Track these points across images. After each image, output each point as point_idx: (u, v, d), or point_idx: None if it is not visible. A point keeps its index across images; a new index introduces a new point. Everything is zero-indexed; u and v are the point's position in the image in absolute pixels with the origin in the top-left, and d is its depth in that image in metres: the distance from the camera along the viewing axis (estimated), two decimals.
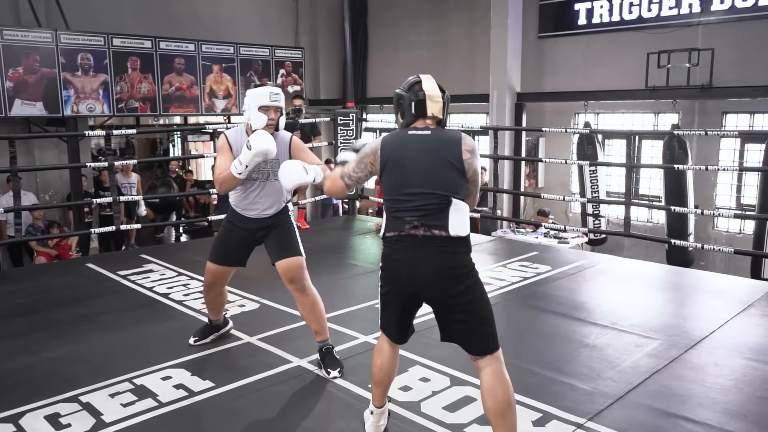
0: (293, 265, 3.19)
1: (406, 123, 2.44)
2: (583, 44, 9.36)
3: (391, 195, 2.35)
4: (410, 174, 2.31)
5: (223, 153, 3.16)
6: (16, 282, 5.06)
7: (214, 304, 3.50)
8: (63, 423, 2.68)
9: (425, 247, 2.26)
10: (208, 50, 9.57)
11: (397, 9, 11.75)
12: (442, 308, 2.32)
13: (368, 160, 2.42)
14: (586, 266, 5.27)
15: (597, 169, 8.65)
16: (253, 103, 3.10)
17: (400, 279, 2.33)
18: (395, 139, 2.41)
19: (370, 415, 2.58)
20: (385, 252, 2.38)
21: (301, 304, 3.25)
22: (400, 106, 2.45)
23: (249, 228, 3.24)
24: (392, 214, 2.33)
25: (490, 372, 2.28)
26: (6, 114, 7.73)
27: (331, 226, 7.81)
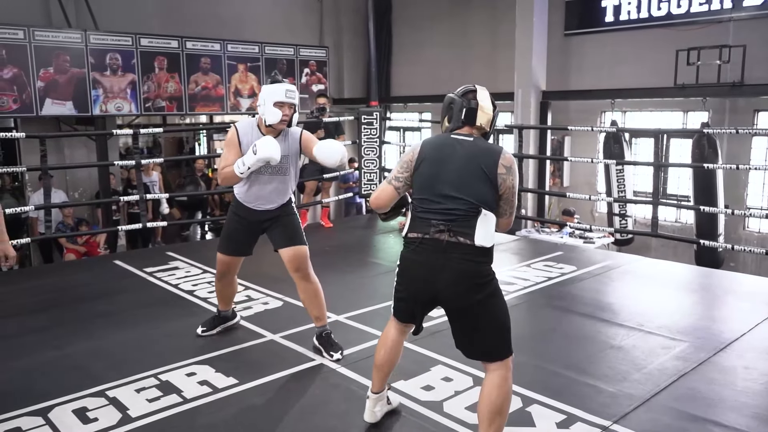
0: (299, 253, 3.32)
1: (452, 127, 2.44)
2: (610, 42, 9.23)
3: (422, 195, 2.34)
4: (444, 175, 2.30)
5: (231, 147, 3.25)
6: (46, 277, 5.16)
7: (225, 293, 3.59)
8: (90, 417, 2.72)
9: (448, 253, 2.24)
10: (233, 50, 9.64)
11: (420, 7, 11.72)
12: (460, 316, 2.31)
13: (408, 158, 2.42)
14: (612, 267, 5.19)
15: (624, 168, 8.53)
16: (269, 98, 3.17)
17: (418, 283, 2.33)
18: (436, 140, 2.43)
19: (367, 400, 2.63)
20: (405, 253, 2.37)
21: (304, 291, 3.38)
22: (450, 110, 2.46)
23: (255, 219, 3.35)
24: (418, 215, 2.32)
25: (496, 376, 2.29)
26: (37, 113, 7.88)
27: (355, 224, 7.82)
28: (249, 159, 3.08)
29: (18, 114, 7.87)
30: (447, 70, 11.22)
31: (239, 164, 3.11)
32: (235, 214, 3.40)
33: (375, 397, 2.60)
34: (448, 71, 11.20)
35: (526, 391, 2.92)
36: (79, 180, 9.32)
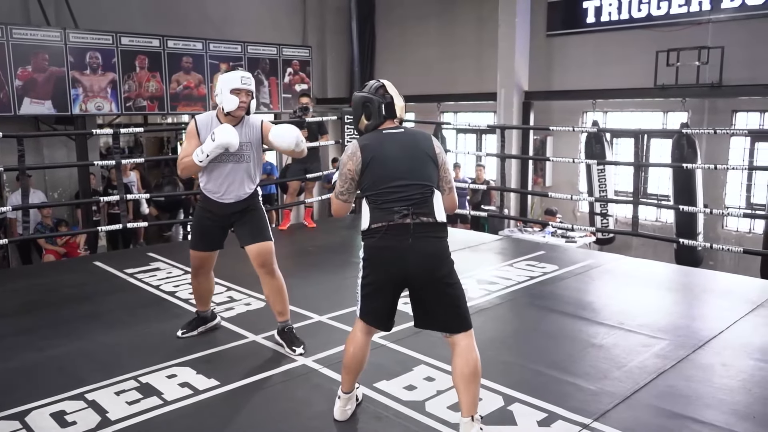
0: (265, 249, 3.36)
1: (374, 124, 2.58)
2: (592, 42, 9.32)
3: (377, 189, 2.46)
4: (395, 168, 2.46)
5: (191, 139, 3.29)
6: (25, 279, 5.09)
7: (201, 290, 3.57)
8: (68, 420, 2.69)
9: (415, 234, 2.40)
10: (215, 49, 9.59)
11: (404, 8, 11.74)
12: (429, 292, 2.45)
13: (348, 169, 2.51)
14: (593, 266, 5.24)
15: (605, 168, 8.61)
16: (225, 86, 3.21)
17: (389, 267, 2.43)
18: (371, 140, 2.54)
19: (338, 399, 2.68)
20: (371, 243, 2.46)
21: (269, 286, 3.42)
22: (366, 108, 2.58)
23: (223, 213, 3.36)
24: (379, 207, 2.44)
25: (465, 345, 2.44)
26: (15, 112, 7.78)
27: (338, 224, 7.80)
28: (207, 146, 3.13)
29: None
30: (431, 70, 11.25)
31: (198, 153, 3.15)
32: (204, 209, 3.40)
33: (346, 396, 2.68)
34: (432, 71, 11.24)
35: (508, 389, 2.93)
36: (58, 180, 9.21)
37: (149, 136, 12.19)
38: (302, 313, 4.01)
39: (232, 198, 3.33)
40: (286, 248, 6.14)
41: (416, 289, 2.47)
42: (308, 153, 6.70)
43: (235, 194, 3.33)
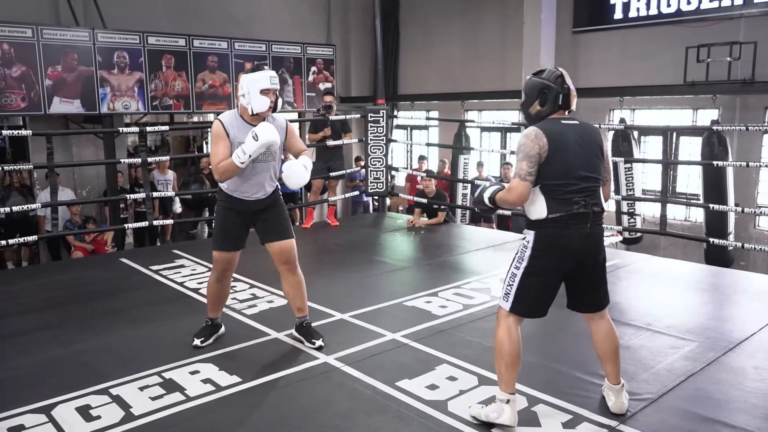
0: (289, 246, 3.37)
1: (547, 112, 2.61)
2: (619, 39, 9.16)
3: (558, 179, 2.51)
4: (575, 160, 2.54)
5: (220, 140, 3.17)
6: (53, 275, 5.17)
7: (222, 296, 3.50)
8: (93, 415, 2.72)
9: (590, 223, 2.55)
10: (240, 48, 9.64)
11: (428, 5, 11.68)
12: (593, 274, 2.65)
13: (535, 152, 2.50)
14: (620, 265, 5.14)
15: (632, 166, 8.45)
16: (254, 86, 3.15)
17: (567, 254, 2.55)
18: (552, 128, 2.55)
19: (506, 405, 2.57)
20: (548, 232, 2.53)
21: (290, 283, 3.42)
22: (543, 95, 2.60)
23: (248, 211, 3.32)
24: (558, 197, 2.51)
25: (606, 322, 2.72)
26: (45, 111, 7.91)
27: (361, 223, 7.80)
28: (249, 146, 3.05)
29: (26, 112, 7.90)
30: (455, 68, 11.18)
31: (239, 154, 3.07)
32: (228, 208, 3.33)
33: (513, 398, 2.60)
34: (456, 69, 11.17)
35: (532, 390, 2.89)
36: (87, 178, 9.36)
37: (175, 135, 12.33)
38: (324, 311, 4.00)
39: (258, 196, 3.31)
40: (309, 246, 6.15)
41: (582, 274, 2.61)
42: (332, 151, 6.78)
43: (261, 192, 3.31)
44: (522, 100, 2.69)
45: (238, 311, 4.04)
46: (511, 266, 2.64)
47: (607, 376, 2.74)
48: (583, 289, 2.66)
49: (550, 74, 2.62)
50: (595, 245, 2.60)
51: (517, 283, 2.58)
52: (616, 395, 2.69)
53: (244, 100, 3.18)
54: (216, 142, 3.20)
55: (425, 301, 4.19)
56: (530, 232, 2.57)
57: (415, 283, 4.74)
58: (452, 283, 4.57)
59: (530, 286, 2.57)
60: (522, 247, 2.60)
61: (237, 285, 4.55)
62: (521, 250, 2.60)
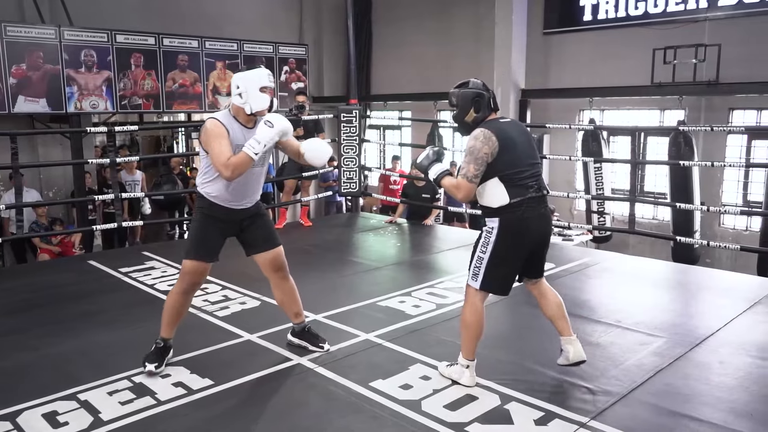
0: (281, 254, 3.29)
1: (482, 117, 2.88)
2: (589, 40, 9.30)
3: (514, 168, 2.79)
4: (523, 150, 2.84)
5: (223, 138, 2.95)
6: (19, 278, 5.05)
7: (181, 312, 3.18)
8: (61, 421, 2.66)
9: (542, 205, 2.87)
10: (211, 47, 9.54)
11: (401, 6, 11.70)
12: (543, 249, 3.00)
13: (484, 153, 2.76)
14: (590, 264, 5.22)
15: (602, 166, 8.60)
16: (253, 84, 3.00)
17: (530, 235, 2.84)
18: (497, 127, 2.82)
19: (466, 369, 2.94)
20: (514, 215, 2.79)
21: (285, 290, 3.34)
22: (476, 102, 2.87)
23: (234, 219, 3.15)
24: (516, 183, 2.79)
25: (547, 285, 3.07)
26: (9, 111, 7.73)
27: (334, 223, 7.78)
28: (264, 135, 2.89)
29: None
30: (428, 68, 11.22)
31: (252, 144, 2.88)
32: (210, 216, 3.11)
33: (473, 363, 2.96)
34: (429, 69, 11.20)
35: (504, 388, 2.92)
36: (53, 179, 9.15)
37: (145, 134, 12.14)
38: None
39: (245, 204, 3.14)
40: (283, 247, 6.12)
41: (539, 250, 2.94)
42: None
43: (250, 199, 3.16)
44: (455, 112, 2.92)
45: (210, 313, 4.00)
46: (476, 251, 2.89)
47: (560, 332, 3.03)
48: (535, 262, 2.98)
49: (476, 84, 2.92)
50: (548, 224, 2.97)
51: (485, 264, 2.85)
52: (574, 346, 3.00)
53: (240, 99, 3.01)
54: (217, 140, 2.94)
55: (399, 300, 4.20)
56: (494, 219, 2.83)
57: (389, 283, 4.74)
58: (426, 283, 4.59)
59: (497, 266, 2.84)
60: (486, 233, 2.86)
61: (209, 287, 4.50)
62: (486, 236, 2.86)
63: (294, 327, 3.42)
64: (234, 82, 3.05)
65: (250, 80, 3.02)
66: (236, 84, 3.04)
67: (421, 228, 6.77)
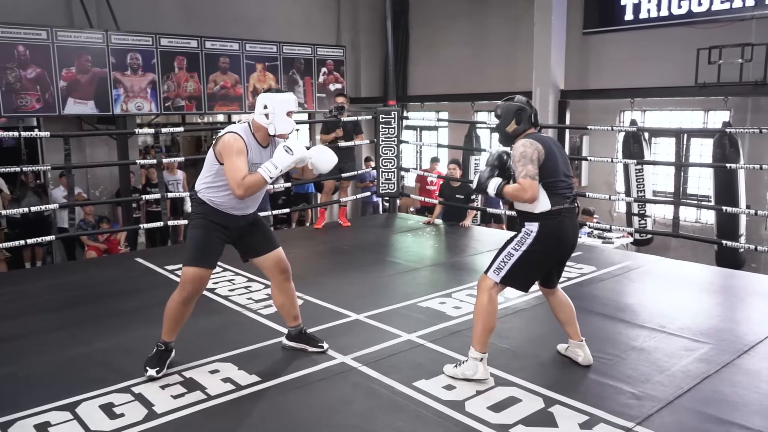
0: (283, 254, 3.32)
1: (522, 129, 3.07)
2: (630, 40, 9.16)
3: (554, 177, 2.96)
4: (560, 163, 3.01)
5: (242, 154, 2.98)
6: (68, 275, 5.24)
7: (185, 317, 3.17)
8: (117, 413, 2.76)
9: (575, 215, 3.05)
10: (251, 49, 9.71)
11: (437, 7, 11.71)
12: (567, 260, 3.19)
13: (536, 156, 2.92)
14: (631, 267, 5.16)
15: (643, 168, 8.46)
16: (280, 107, 3.04)
17: (565, 242, 3.02)
18: (539, 138, 3.01)
19: (480, 363, 3.00)
20: (549, 223, 2.95)
21: (286, 293, 3.35)
22: (518, 115, 3.06)
23: (236, 226, 3.18)
24: (556, 192, 2.96)
25: (561, 291, 3.23)
26: (60, 112, 8.00)
27: (372, 223, 7.84)
28: (283, 161, 2.95)
29: (41, 113, 8.00)
30: (465, 69, 11.20)
31: (269, 168, 2.94)
32: (212, 222, 3.11)
33: (486, 356, 3.03)
34: (465, 70, 11.19)
35: (548, 391, 2.91)
36: (99, 178, 9.44)
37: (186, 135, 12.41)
38: (339, 312, 4.04)
39: (248, 211, 3.20)
40: (321, 247, 6.20)
41: (564, 259, 3.14)
42: (343, 152, 6.80)
43: (252, 208, 3.22)
44: (498, 122, 3.11)
45: (255, 311, 4.09)
46: (508, 246, 3.01)
47: (570, 336, 3.21)
48: (558, 270, 3.17)
49: (520, 99, 3.12)
50: (577, 236, 3.15)
51: (513, 261, 2.97)
52: (583, 350, 3.18)
53: (265, 119, 3.05)
54: (237, 156, 2.96)
55: (439, 302, 4.23)
56: (534, 224, 2.96)
57: (428, 284, 4.77)
58: (465, 284, 4.60)
59: (524, 266, 2.98)
60: (524, 234, 2.98)
61: (252, 285, 4.60)
62: (523, 236, 2.98)
63: (290, 330, 3.44)
64: (261, 101, 3.07)
65: (279, 103, 3.05)
66: (264, 103, 3.06)
67: (459, 229, 6.77)
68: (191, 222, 3.21)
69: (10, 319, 4.04)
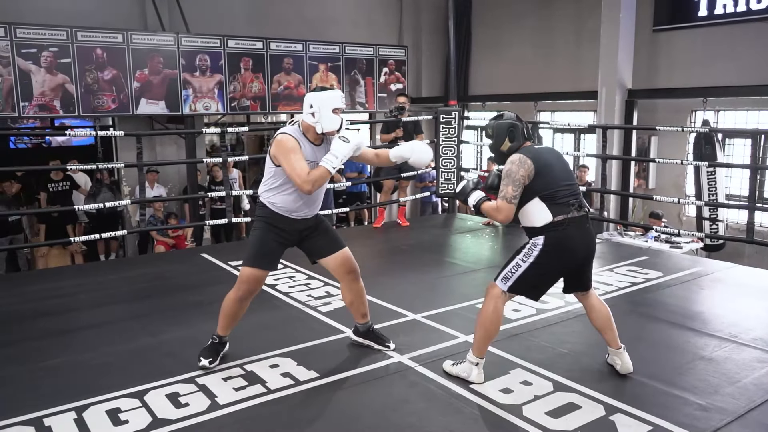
0: (350, 254, 3.34)
1: (516, 146, 3.03)
2: (703, 37, 8.77)
3: (552, 188, 2.90)
4: (558, 172, 2.96)
5: (298, 152, 3.06)
6: (139, 268, 5.47)
7: (239, 316, 3.28)
8: (182, 402, 2.87)
9: (586, 222, 2.97)
10: (315, 50, 9.86)
11: (500, 5, 11.55)
12: (587, 264, 3.06)
13: (521, 175, 2.89)
14: (702, 273, 4.95)
15: (715, 171, 8.08)
16: (326, 105, 3.09)
17: (574, 253, 2.95)
18: (531, 152, 2.96)
19: (475, 366, 3.01)
20: (555, 235, 2.89)
21: (355, 291, 3.37)
22: (511, 132, 3.03)
23: (294, 229, 3.22)
24: (557, 202, 2.90)
25: (595, 297, 3.15)
26: (133, 112, 8.35)
27: (431, 223, 7.83)
28: (341, 150, 3.02)
29: (115, 113, 8.37)
30: (528, 69, 11.01)
31: (331, 159, 3.01)
32: (271, 225, 3.19)
33: (483, 361, 3.04)
34: (529, 70, 11.00)
35: (609, 399, 2.84)
36: (168, 175, 9.80)
37: (251, 134, 12.71)
38: (397, 311, 4.06)
39: (308, 214, 3.23)
40: (380, 246, 6.24)
41: (584, 265, 3.03)
42: None
43: (312, 209, 3.25)
44: (491, 142, 3.08)
45: (314, 308, 4.16)
46: (516, 257, 2.97)
47: (609, 343, 3.13)
48: (582, 276, 3.07)
49: (509, 116, 3.08)
50: (591, 242, 3.03)
51: (520, 273, 2.94)
52: (621, 358, 3.10)
53: (312, 118, 3.10)
54: (293, 155, 3.05)
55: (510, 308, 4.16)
56: (539, 237, 2.92)
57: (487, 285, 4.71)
58: None
59: (532, 276, 2.94)
60: (531, 246, 2.94)
61: (312, 282, 4.68)
62: (530, 248, 2.94)
63: (358, 326, 3.49)
64: (308, 101, 3.12)
65: (324, 101, 3.09)
66: (309, 103, 3.11)
67: (518, 230, 6.65)
68: (253, 224, 3.31)
69: (87, 309, 4.27)
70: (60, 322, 4.00)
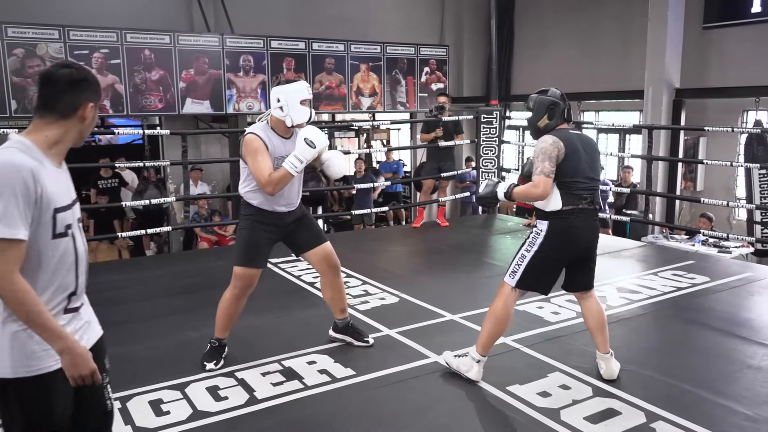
0: (331, 250, 3.34)
1: (554, 125, 2.98)
2: (755, 34, 8.47)
3: (572, 178, 2.89)
4: (584, 163, 2.93)
5: (263, 152, 3.05)
6: (182, 264, 5.61)
7: (236, 314, 3.32)
8: (221, 395, 2.93)
9: (592, 218, 2.98)
10: (356, 50, 9.91)
11: (544, 4, 11.39)
12: (588, 260, 3.07)
13: (555, 154, 2.86)
14: (752, 279, 4.79)
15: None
16: (293, 97, 3.06)
17: (576, 243, 2.95)
18: (565, 136, 2.93)
19: (476, 363, 3.02)
20: (560, 222, 2.91)
21: (334, 286, 3.39)
22: (551, 110, 2.99)
23: (282, 223, 3.23)
24: (570, 192, 2.89)
25: (594, 299, 3.12)
26: (179, 112, 8.57)
27: (471, 224, 7.78)
28: (304, 153, 2.98)
29: (162, 112, 8.60)
30: (572, 68, 10.83)
31: (293, 162, 2.99)
32: (259, 222, 3.19)
33: (484, 359, 3.04)
34: (573, 68, 10.82)
35: (651, 406, 2.77)
36: (212, 174, 10.01)
37: None
38: (434, 311, 4.06)
39: (291, 207, 3.24)
40: (419, 246, 6.24)
41: (582, 260, 3.02)
42: (443, 152, 6.80)
43: (293, 203, 3.26)
44: (530, 115, 3.03)
45: (352, 306, 4.17)
46: (521, 249, 2.99)
47: (597, 346, 3.10)
48: (580, 272, 3.06)
49: (554, 93, 3.03)
50: (595, 237, 3.04)
51: (526, 263, 2.94)
52: (607, 363, 3.06)
53: (281, 112, 3.09)
54: (256, 155, 3.05)
55: (537, 306, 4.13)
56: (544, 222, 2.93)
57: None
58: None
59: (537, 267, 2.93)
60: (534, 234, 2.95)
61: (350, 281, 4.71)
62: (533, 237, 2.95)
63: (337, 322, 3.49)
64: (274, 95, 3.11)
65: (290, 93, 3.07)
66: (277, 97, 3.10)
67: None
68: (240, 223, 3.30)
69: (134, 302, 4.40)
70: (108, 314, 4.06)
